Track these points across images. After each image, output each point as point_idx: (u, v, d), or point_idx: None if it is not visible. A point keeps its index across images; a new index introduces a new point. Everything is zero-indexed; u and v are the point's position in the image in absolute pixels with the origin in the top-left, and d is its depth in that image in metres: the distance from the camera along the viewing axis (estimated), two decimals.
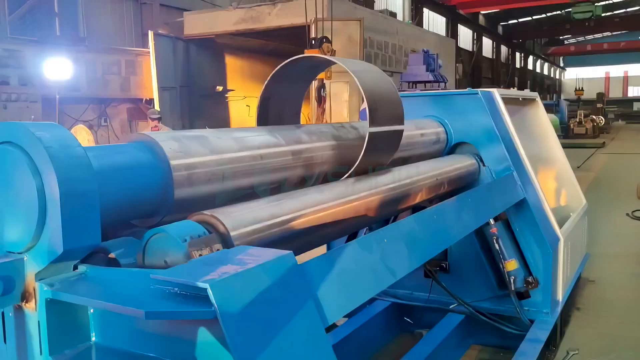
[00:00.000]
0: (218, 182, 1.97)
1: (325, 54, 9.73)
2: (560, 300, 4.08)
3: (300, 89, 3.13)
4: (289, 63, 2.83)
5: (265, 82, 2.85)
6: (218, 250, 1.63)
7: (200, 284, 1.28)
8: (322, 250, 2.54)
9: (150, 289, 1.42)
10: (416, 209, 3.16)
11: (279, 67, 2.83)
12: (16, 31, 11.64)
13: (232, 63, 16.18)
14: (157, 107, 12.75)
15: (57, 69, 10.28)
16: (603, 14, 31.30)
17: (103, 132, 12.65)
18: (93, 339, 1.57)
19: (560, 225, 4.13)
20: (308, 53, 10.02)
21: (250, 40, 15.36)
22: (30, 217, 1.45)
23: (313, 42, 10.11)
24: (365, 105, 3.29)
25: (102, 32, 13.91)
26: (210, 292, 1.27)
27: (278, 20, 13.40)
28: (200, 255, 1.57)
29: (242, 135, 2.21)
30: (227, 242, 1.70)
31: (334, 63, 2.91)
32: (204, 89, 15.05)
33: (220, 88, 15.56)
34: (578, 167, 13.63)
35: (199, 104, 14.84)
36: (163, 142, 1.83)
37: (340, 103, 12.14)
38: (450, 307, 4.03)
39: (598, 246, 6.24)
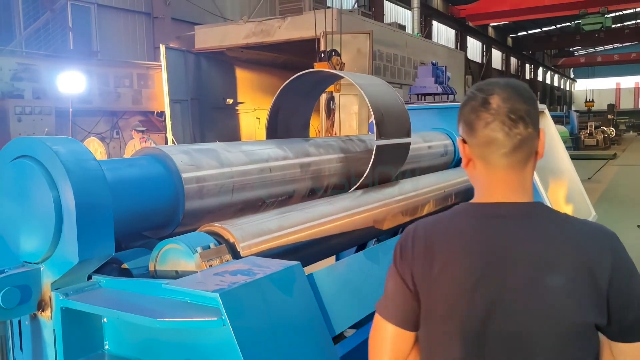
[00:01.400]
0: (227, 194, 2.02)
1: (335, 67, 9.81)
2: None
3: (309, 102, 3.19)
4: (297, 77, 2.89)
5: (275, 96, 2.91)
6: (227, 260, 1.67)
7: (211, 294, 1.32)
8: (331, 260, 2.57)
9: (163, 298, 1.47)
10: None
11: (287, 81, 2.89)
12: (30, 45, 11.85)
13: (242, 76, 16.31)
14: (168, 119, 12.88)
15: (70, 82, 10.43)
16: (613, 25, 31.28)
17: (115, 144, 12.79)
18: (106, 347, 1.61)
19: None
20: (317, 66, 10.10)
21: (261, 54, 15.49)
22: (46, 228, 1.49)
23: (322, 55, 10.19)
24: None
25: (115, 46, 14.11)
26: (220, 301, 1.31)
27: (287, 34, 13.52)
28: (210, 265, 1.62)
29: (251, 149, 2.26)
30: (236, 252, 1.74)
31: (341, 77, 2.97)
32: (215, 101, 15.18)
33: (230, 101, 15.68)
34: (589, 179, 13.57)
35: (210, 117, 14.96)
36: (174, 155, 1.89)
37: (350, 115, 12.20)
38: None
39: None
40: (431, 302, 1.27)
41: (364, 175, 2.63)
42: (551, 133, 5.45)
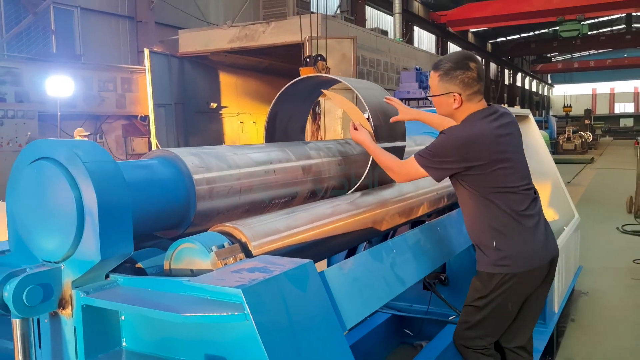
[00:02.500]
0: (235, 195, 2.07)
1: (320, 72, 9.90)
2: (556, 311, 4.19)
3: (306, 107, 3.25)
4: (295, 82, 2.95)
5: (274, 100, 2.96)
6: (241, 259, 1.73)
7: (233, 290, 1.38)
8: (322, 264, 2.63)
9: (181, 295, 1.51)
10: (414, 223, 3.28)
11: (286, 86, 2.95)
12: (13, 49, 11.73)
13: (226, 80, 16.33)
14: (152, 123, 12.84)
15: (58, 86, 10.35)
16: (589, 32, 31.92)
17: None
18: (124, 344, 1.65)
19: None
20: (303, 71, 10.18)
21: (244, 58, 15.54)
22: (68, 228, 1.53)
23: (308, 60, 10.27)
24: None
25: (98, 49, 14.03)
26: (243, 297, 1.36)
27: (272, 39, 13.58)
28: (225, 264, 1.67)
29: (256, 151, 2.32)
30: (247, 251, 1.80)
31: (338, 82, 3.04)
32: (198, 105, 15.18)
33: (214, 105, 15.69)
34: (568, 183, 13.83)
35: (193, 121, 14.95)
36: (185, 157, 1.94)
37: (334, 120, 12.29)
38: (450, 318, 4.11)
39: (590, 259, 6.38)
40: None
41: (362, 177, 2.70)
42: (535, 137, 5.60)
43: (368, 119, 2.71)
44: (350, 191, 2.76)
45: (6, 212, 1.66)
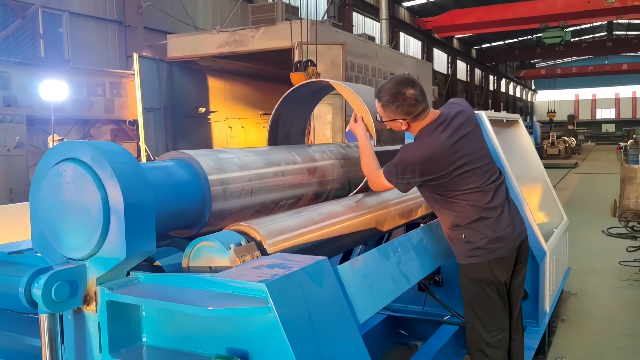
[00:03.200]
0: (247, 196, 2.14)
1: (311, 77, 9.98)
2: (547, 311, 4.29)
3: (307, 111, 3.33)
4: (299, 87, 3.03)
5: (277, 104, 3.03)
6: (257, 257, 1.80)
7: (258, 285, 1.44)
8: None
9: (203, 291, 1.58)
10: (408, 226, 3.36)
11: (289, 90, 3.02)
12: (1, 52, 11.65)
13: (214, 85, 16.33)
14: (141, 128, 12.81)
15: (53, 90, 10.31)
16: (572, 39, 32.42)
17: None
18: (144, 339, 1.71)
19: (546, 240, 4.37)
20: (293, 76, 10.26)
21: (233, 63, 15.56)
22: (93, 226, 1.59)
23: (298, 65, 10.34)
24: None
25: (87, 53, 13.98)
26: (267, 291, 1.43)
27: (261, 44, 13.63)
28: (243, 261, 1.73)
29: (264, 153, 2.39)
30: (262, 249, 1.86)
31: (340, 87, 3.12)
32: (187, 110, 15.15)
33: (202, 110, 15.68)
34: (554, 187, 14.02)
35: (182, 125, 14.92)
36: (200, 158, 2.00)
37: (324, 124, 12.37)
38: (444, 318, 4.20)
39: (578, 261, 6.51)
40: None
41: (365, 179, 2.78)
42: (525, 142, 5.73)
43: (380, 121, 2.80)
44: (352, 193, 2.83)
45: (30, 212, 1.71)
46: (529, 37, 46.24)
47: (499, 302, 2.65)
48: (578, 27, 41.09)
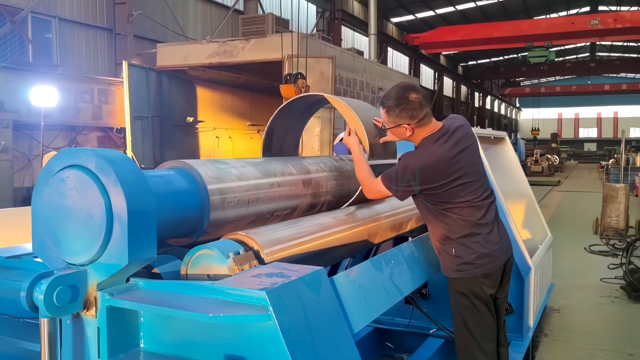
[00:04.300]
0: (244, 206, 2.17)
1: (300, 90, 10.06)
2: (531, 326, 4.36)
3: (301, 123, 3.38)
4: (294, 100, 3.08)
5: (272, 116, 3.08)
6: (255, 265, 1.83)
7: (258, 292, 1.48)
8: None
9: (202, 298, 1.60)
10: (396, 240, 3.41)
11: (285, 103, 3.07)
12: None
13: (202, 95, 16.36)
14: (128, 136, 12.77)
15: (43, 96, 10.26)
16: (556, 59, 33.02)
17: None
18: (142, 345, 1.73)
19: (530, 256, 4.44)
20: (283, 88, 10.34)
21: (221, 73, 15.61)
22: (96, 232, 1.61)
23: (288, 77, 10.42)
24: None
25: (76, 60, 13.93)
26: (267, 299, 1.46)
27: (251, 55, 13.71)
28: (241, 269, 1.77)
29: (261, 165, 2.43)
30: (260, 259, 1.90)
31: (334, 100, 3.17)
32: (175, 119, 15.15)
33: (190, 119, 15.68)
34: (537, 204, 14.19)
35: (170, 134, 14.91)
36: (199, 168, 2.03)
37: (312, 137, 12.44)
38: (430, 331, 4.25)
39: (560, 277, 6.61)
40: None
41: (357, 192, 2.83)
42: (511, 159, 5.84)
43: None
44: (344, 205, 2.88)
45: (32, 217, 1.73)
46: (515, 55, 46.97)
47: (487, 314, 2.70)
48: (562, 48, 41.81)
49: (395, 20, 32.85)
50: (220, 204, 2.03)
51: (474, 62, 47.81)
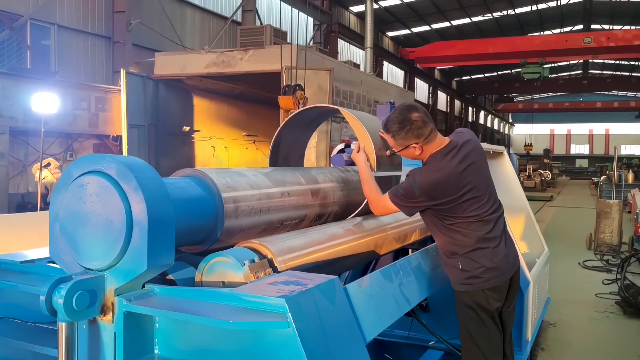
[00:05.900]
0: (256, 215, 2.19)
1: (299, 101, 10.10)
2: (529, 340, 4.38)
3: (307, 135, 3.41)
4: (301, 112, 3.11)
5: (279, 127, 3.11)
6: (269, 273, 1.85)
7: (277, 300, 1.50)
8: None
9: (218, 304, 1.62)
10: (396, 254, 3.43)
11: (292, 114, 3.11)
12: None
13: (199, 104, 16.38)
14: (125, 144, 12.76)
15: (44, 102, 10.24)
16: (549, 76, 33.38)
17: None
18: (156, 351, 1.74)
19: (529, 270, 4.48)
20: (281, 99, 10.38)
21: (218, 83, 15.65)
22: (115, 238, 1.62)
23: (287, 89, 10.47)
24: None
25: (74, 67, 13.93)
26: (286, 306, 1.48)
27: (249, 66, 13.76)
28: (257, 277, 1.78)
29: (271, 174, 2.45)
30: (273, 267, 1.91)
31: (338, 112, 3.21)
32: (171, 128, 15.15)
33: (187, 128, 15.69)
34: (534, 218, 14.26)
35: (166, 143, 14.90)
36: (214, 176, 2.05)
37: (309, 148, 12.44)
38: (430, 343, 4.26)
39: (555, 292, 6.64)
40: None
41: (363, 204, 2.86)
42: (509, 173, 5.89)
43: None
44: (351, 216, 2.91)
45: (49, 222, 1.74)
46: (509, 71, 47.38)
47: (493, 327, 2.72)
48: (555, 65, 42.27)
49: (391, 34, 33.12)
50: (234, 212, 2.05)
51: (468, 77, 48.20)
